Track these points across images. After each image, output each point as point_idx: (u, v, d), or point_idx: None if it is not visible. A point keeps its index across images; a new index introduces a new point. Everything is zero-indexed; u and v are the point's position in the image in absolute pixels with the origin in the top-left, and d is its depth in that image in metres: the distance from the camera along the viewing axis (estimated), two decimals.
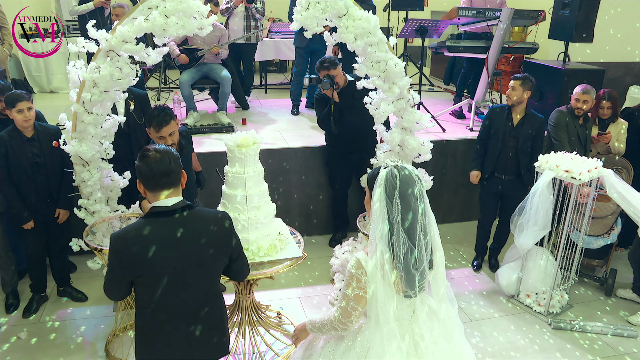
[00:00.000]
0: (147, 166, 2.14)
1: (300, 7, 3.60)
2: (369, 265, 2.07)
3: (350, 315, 2.15)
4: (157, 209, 2.17)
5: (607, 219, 4.29)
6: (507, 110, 4.29)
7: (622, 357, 3.68)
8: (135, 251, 2.11)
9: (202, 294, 2.27)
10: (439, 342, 2.16)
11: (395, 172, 2.03)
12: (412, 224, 2.02)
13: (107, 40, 3.37)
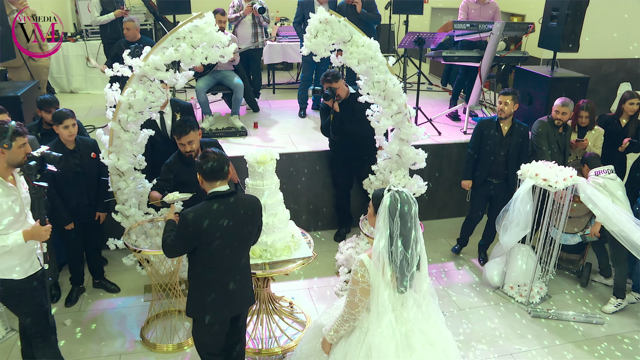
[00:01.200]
0: (208, 162, 2.93)
1: (310, 35, 4.07)
2: (371, 267, 2.61)
3: (357, 307, 2.68)
4: (216, 193, 2.95)
5: (583, 218, 4.80)
6: (495, 122, 4.76)
7: (588, 341, 4.23)
8: (205, 223, 2.86)
9: (243, 253, 3.11)
10: (419, 323, 2.74)
11: (397, 196, 2.55)
12: (407, 237, 2.56)
13: (141, 67, 3.85)
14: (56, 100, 4.46)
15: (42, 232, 3.16)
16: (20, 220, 3.22)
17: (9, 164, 3.11)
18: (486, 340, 4.20)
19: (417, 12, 7.89)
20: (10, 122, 3.09)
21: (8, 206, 3.10)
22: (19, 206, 3.19)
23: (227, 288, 3.06)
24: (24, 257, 3.25)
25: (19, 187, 3.22)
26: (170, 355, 4.02)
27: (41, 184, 3.09)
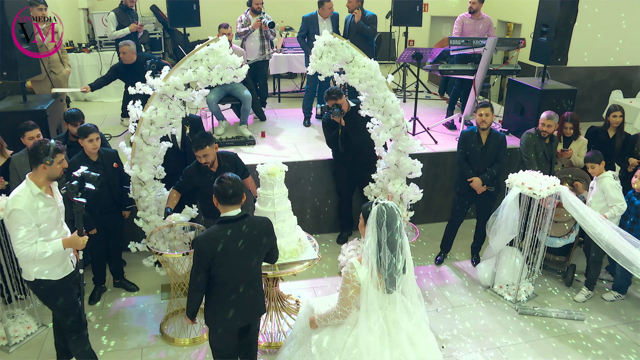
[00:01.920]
0: (222, 189, 3.17)
1: (315, 56, 4.47)
2: (362, 270, 2.99)
3: (349, 303, 3.06)
4: (226, 218, 3.19)
5: (567, 222, 5.18)
6: (475, 133, 5.15)
7: (570, 335, 4.61)
8: (216, 246, 3.12)
9: (254, 271, 3.35)
10: (403, 321, 3.09)
11: (383, 208, 2.93)
12: (393, 243, 2.93)
13: (162, 87, 4.24)
14: (82, 114, 4.84)
15: (79, 242, 3.58)
16: (57, 227, 3.62)
17: (49, 178, 3.51)
18: (476, 335, 4.58)
19: (416, 24, 8.27)
20: (51, 141, 3.49)
21: (48, 215, 3.50)
22: (56, 215, 3.59)
23: (239, 302, 3.31)
24: (60, 260, 3.65)
25: (56, 198, 3.62)
26: (187, 348, 4.41)
27: (80, 200, 3.50)
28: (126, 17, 7.14)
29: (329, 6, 6.75)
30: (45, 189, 3.51)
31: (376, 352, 3.02)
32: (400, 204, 5.17)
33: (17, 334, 4.43)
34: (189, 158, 5.10)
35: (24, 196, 3.40)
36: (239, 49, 6.62)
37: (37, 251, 3.42)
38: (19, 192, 3.42)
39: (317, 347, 3.23)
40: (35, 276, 3.58)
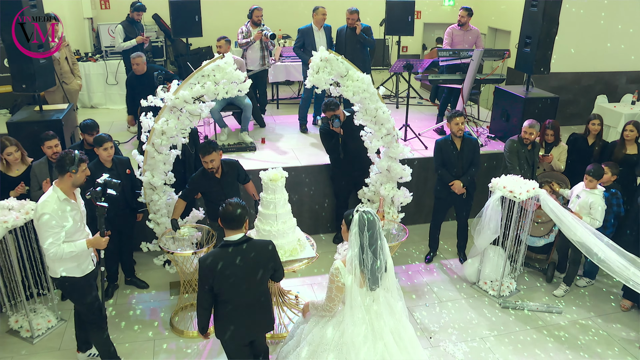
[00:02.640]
0: (226, 213, 3.42)
1: (312, 71, 4.86)
2: (344, 271, 3.33)
3: (333, 301, 3.42)
4: (229, 242, 3.43)
5: (548, 223, 5.59)
6: (450, 140, 5.54)
7: (548, 326, 5.02)
8: (219, 266, 3.37)
9: (257, 292, 3.56)
10: (386, 316, 3.45)
11: (364, 215, 3.29)
12: (375, 246, 3.30)
13: (172, 100, 4.62)
14: (97, 124, 5.22)
15: (101, 242, 3.98)
16: (80, 229, 4.01)
17: (74, 185, 3.91)
18: (461, 327, 4.98)
19: (408, 33, 8.67)
20: (75, 152, 3.89)
21: (72, 219, 3.88)
22: (79, 218, 3.98)
23: (242, 319, 3.54)
24: (83, 259, 4.04)
25: (79, 203, 4.01)
26: (195, 339, 4.79)
27: (103, 204, 3.90)
28: (133, 30, 7.52)
29: (322, 12, 7.15)
30: (69, 195, 3.89)
31: (361, 344, 3.38)
32: (391, 206, 5.56)
33: (39, 327, 4.80)
34: (187, 166, 5.48)
35: (52, 201, 3.78)
36: (238, 59, 7.00)
37: (64, 251, 3.81)
38: (47, 198, 3.80)
39: (309, 344, 3.57)
40: (61, 273, 3.96)
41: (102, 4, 10.43)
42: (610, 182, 5.25)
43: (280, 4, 10.39)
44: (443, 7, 11.83)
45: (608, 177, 5.21)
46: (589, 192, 5.12)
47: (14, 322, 4.83)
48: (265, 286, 3.64)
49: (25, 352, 4.62)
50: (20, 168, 5.05)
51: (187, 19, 7.84)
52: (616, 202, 5.20)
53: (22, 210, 4.48)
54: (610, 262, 4.55)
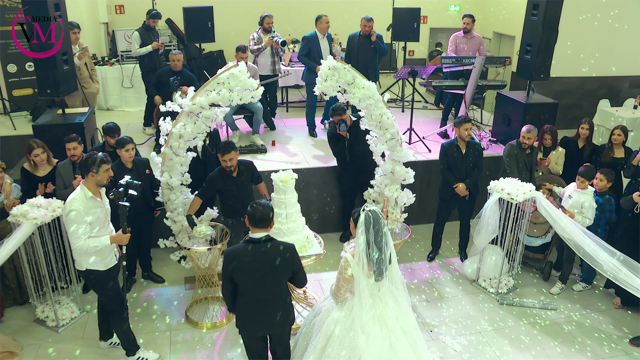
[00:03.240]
0: (253, 213, 3.63)
1: (321, 79, 5.15)
2: (353, 263, 3.64)
3: (340, 289, 3.74)
4: (253, 240, 3.66)
5: (544, 224, 5.85)
6: (455, 144, 5.82)
7: (542, 322, 5.28)
8: (240, 261, 3.63)
9: (274, 289, 3.74)
10: (390, 304, 3.77)
11: (370, 214, 3.60)
12: (380, 241, 3.60)
13: (189, 106, 4.94)
14: (118, 127, 5.54)
15: (123, 238, 4.30)
16: (105, 226, 4.33)
17: (97, 184, 4.22)
18: (460, 321, 5.26)
19: (414, 39, 8.94)
20: (98, 154, 4.19)
21: (97, 216, 4.20)
22: (104, 216, 4.30)
23: (256, 313, 3.76)
24: (107, 253, 4.36)
25: (104, 202, 4.33)
26: (209, 331, 5.11)
27: (125, 204, 4.22)
28: (148, 36, 7.84)
29: (325, 20, 7.45)
30: (96, 193, 4.21)
31: (369, 329, 3.70)
32: (395, 207, 5.85)
33: (64, 317, 5.13)
34: (208, 166, 5.80)
35: (79, 199, 4.11)
36: (252, 66, 7.30)
37: (90, 245, 4.12)
38: (75, 196, 4.13)
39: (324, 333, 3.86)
40: (86, 266, 4.28)
41: (117, 9, 10.79)
42: (605, 189, 5.47)
43: (289, 10, 10.70)
44: (449, 12, 12.08)
45: (604, 184, 5.41)
46: (581, 192, 5.38)
47: (40, 312, 5.16)
48: (283, 286, 3.80)
49: (52, 339, 4.95)
50: (47, 168, 5.38)
51: (200, 25, 8.15)
52: (609, 207, 5.43)
53: (50, 208, 4.80)
54: (600, 260, 4.81)
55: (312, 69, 7.31)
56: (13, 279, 5.28)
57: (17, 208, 4.71)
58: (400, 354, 3.76)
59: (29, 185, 5.32)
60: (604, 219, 5.46)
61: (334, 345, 3.77)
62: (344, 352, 3.73)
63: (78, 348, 4.85)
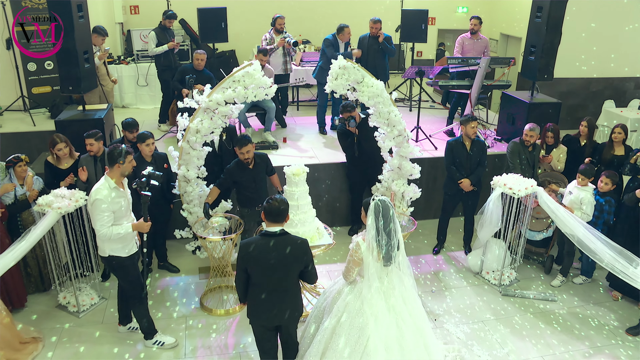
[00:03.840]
0: (270, 208, 3.83)
1: (332, 77, 5.39)
2: (364, 247, 3.88)
3: (350, 271, 3.99)
4: (268, 233, 3.84)
5: (546, 219, 6.05)
6: (460, 141, 6.04)
7: (543, 312, 5.49)
8: (254, 252, 3.80)
9: (285, 281, 3.89)
10: (398, 288, 3.99)
11: (379, 203, 3.84)
12: (389, 229, 3.83)
13: (206, 102, 5.18)
14: (137, 123, 5.81)
15: (144, 226, 4.55)
16: (127, 215, 4.58)
17: (122, 175, 4.47)
18: (464, 311, 5.47)
19: (422, 40, 9.15)
20: (122, 146, 4.43)
21: (120, 205, 4.45)
22: (126, 205, 4.55)
23: (267, 304, 3.90)
24: (128, 241, 4.60)
25: (126, 192, 4.58)
26: (222, 317, 5.35)
27: (147, 193, 4.46)
28: (164, 36, 8.10)
29: (347, 31, 7.68)
30: (119, 183, 4.46)
31: (378, 311, 3.93)
32: (402, 201, 6.07)
33: (84, 303, 5.39)
34: (224, 160, 6.04)
35: (104, 188, 4.35)
36: (269, 68, 7.55)
37: (113, 232, 4.37)
38: (100, 186, 4.37)
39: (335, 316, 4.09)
40: (109, 252, 4.53)
41: (132, 9, 11.08)
42: (608, 192, 5.62)
43: (300, 10, 10.94)
44: (457, 14, 12.27)
45: (608, 187, 5.57)
46: (580, 189, 5.58)
47: (62, 299, 5.43)
48: (294, 279, 3.96)
49: (73, 324, 5.21)
50: (69, 162, 5.65)
51: (214, 25, 8.39)
52: (608, 209, 5.60)
53: (73, 198, 5.06)
54: (599, 253, 5.00)
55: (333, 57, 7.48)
56: (35, 267, 5.54)
57: (42, 198, 4.98)
58: (407, 336, 3.98)
59: (52, 177, 5.59)
60: (602, 219, 5.64)
61: (343, 326, 4.00)
62: (353, 332, 3.96)
63: (98, 331, 5.11)
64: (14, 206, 5.21)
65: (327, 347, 4.06)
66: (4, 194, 5.15)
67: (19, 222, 5.30)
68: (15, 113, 8.37)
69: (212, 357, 4.83)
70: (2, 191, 5.14)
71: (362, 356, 3.94)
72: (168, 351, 4.87)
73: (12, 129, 7.71)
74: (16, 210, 5.25)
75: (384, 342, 3.92)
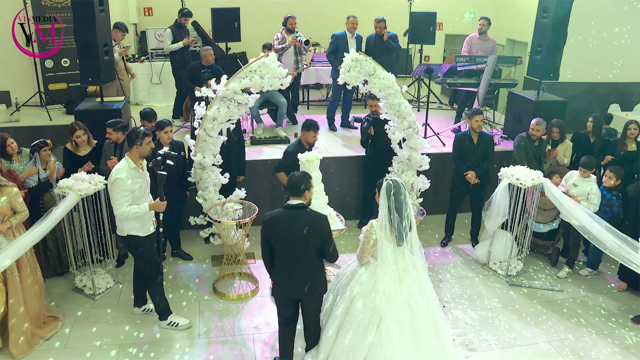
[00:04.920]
0: (289, 180, 4.06)
1: (344, 69, 5.56)
2: (377, 228, 4.02)
3: (364, 253, 4.12)
4: (288, 205, 4.03)
5: (552, 211, 6.17)
6: (468, 135, 6.19)
7: (549, 301, 5.59)
8: (272, 223, 4.02)
9: (304, 256, 4.02)
10: (410, 269, 4.12)
11: (391, 182, 4.00)
12: (400, 209, 3.97)
13: (223, 91, 5.35)
14: (155, 112, 5.98)
15: (161, 206, 4.72)
16: (145, 195, 4.73)
17: (141, 156, 4.64)
18: (472, 299, 5.58)
19: (430, 42, 9.32)
20: (140, 128, 4.61)
21: (139, 185, 4.61)
22: (145, 186, 4.70)
23: (287, 277, 4.06)
24: (146, 221, 4.76)
25: (145, 173, 4.74)
26: (235, 301, 5.48)
27: (163, 172, 4.64)
28: (180, 33, 8.31)
29: (352, 21, 7.88)
30: (138, 165, 4.62)
31: (390, 291, 4.05)
32: (411, 192, 6.21)
33: (100, 287, 5.53)
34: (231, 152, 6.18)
35: (124, 169, 4.53)
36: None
37: (131, 211, 4.54)
38: (120, 166, 4.55)
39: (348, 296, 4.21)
40: (127, 232, 4.68)
41: (146, 11, 11.33)
42: (614, 187, 5.75)
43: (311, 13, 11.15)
44: (464, 20, 12.47)
45: (612, 182, 5.70)
46: (584, 181, 5.71)
47: (79, 282, 5.57)
48: (313, 254, 4.04)
49: (89, 305, 5.35)
50: (87, 149, 5.82)
51: (227, 25, 8.58)
52: (616, 201, 5.74)
53: (92, 182, 5.22)
54: (605, 241, 5.12)
55: (335, 68, 7.72)
56: (54, 250, 5.70)
57: (63, 181, 5.14)
58: (419, 315, 4.11)
59: (70, 163, 5.77)
60: (610, 214, 5.75)
61: (356, 306, 4.13)
62: (366, 312, 4.09)
63: (113, 312, 5.25)
64: (37, 188, 5.39)
65: (340, 328, 4.19)
66: (28, 177, 5.34)
67: (41, 204, 5.47)
68: (32, 108, 8.59)
69: (225, 338, 4.96)
70: (26, 174, 5.33)
71: (375, 335, 4.07)
72: (182, 332, 5.00)
73: (29, 124, 7.91)
74: (39, 193, 5.43)
75: (396, 322, 4.04)
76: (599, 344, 4.97)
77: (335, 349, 4.16)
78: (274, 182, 6.43)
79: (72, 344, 4.80)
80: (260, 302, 5.50)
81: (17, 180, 5.16)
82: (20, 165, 5.46)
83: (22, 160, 5.51)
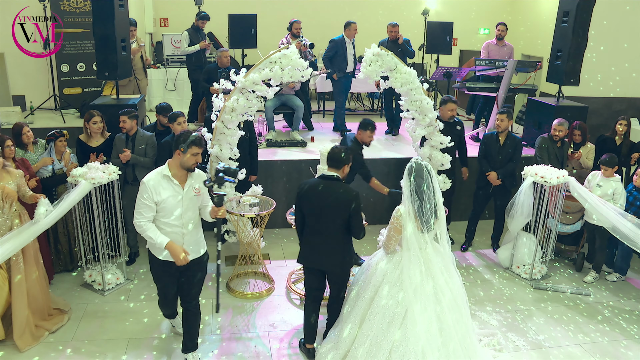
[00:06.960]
0: (331, 153, 4.08)
1: (365, 64, 5.47)
2: (404, 213, 3.87)
3: (391, 239, 3.96)
4: (323, 175, 4.08)
5: (577, 213, 5.97)
6: (495, 135, 6.04)
7: (576, 305, 5.37)
8: (307, 191, 4.05)
9: (331, 227, 4.02)
10: (436, 260, 3.94)
11: (414, 164, 3.87)
12: (421, 192, 3.81)
13: (242, 82, 5.27)
14: (171, 107, 5.91)
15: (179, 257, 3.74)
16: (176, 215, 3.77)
17: (181, 165, 3.75)
18: (495, 301, 5.36)
19: (447, 52, 9.26)
20: (193, 133, 3.75)
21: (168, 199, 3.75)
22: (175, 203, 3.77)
23: (314, 247, 4.12)
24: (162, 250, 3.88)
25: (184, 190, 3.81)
26: (249, 299, 5.29)
27: (222, 193, 3.78)
28: (197, 36, 8.32)
29: (354, 27, 7.86)
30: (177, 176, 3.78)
31: (417, 280, 3.87)
32: None
33: (109, 282, 5.37)
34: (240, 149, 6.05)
35: (154, 175, 3.78)
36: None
37: (147, 231, 3.76)
38: (154, 170, 3.84)
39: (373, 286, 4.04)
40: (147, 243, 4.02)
41: (162, 22, 11.42)
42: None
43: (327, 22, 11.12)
44: (478, 35, 12.46)
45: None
46: (608, 180, 5.54)
47: (88, 277, 5.41)
48: (341, 226, 4.01)
49: (98, 301, 5.18)
50: (99, 140, 5.72)
51: (244, 31, 8.59)
52: None
53: (106, 171, 5.11)
54: (634, 237, 4.92)
55: (330, 75, 7.70)
56: (65, 245, 5.56)
57: (76, 170, 5.02)
58: (445, 307, 3.91)
59: (82, 154, 5.67)
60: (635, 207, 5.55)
61: (381, 295, 3.94)
62: (391, 302, 3.90)
63: (122, 309, 5.08)
64: (51, 179, 5.29)
65: (364, 318, 4.00)
66: (43, 167, 5.24)
67: (55, 195, 5.35)
68: (46, 112, 8.58)
69: (239, 335, 4.76)
70: (41, 164, 5.23)
71: (401, 327, 3.87)
72: None
73: (43, 125, 7.86)
74: (53, 184, 5.33)
75: (422, 314, 3.85)
76: (632, 347, 4.73)
77: (357, 342, 3.97)
78: (289, 182, 6.29)
79: (80, 337, 4.63)
80: (276, 301, 5.32)
81: (29, 169, 5.06)
82: (35, 155, 5.38)
83: (37, 151, 5.43)
